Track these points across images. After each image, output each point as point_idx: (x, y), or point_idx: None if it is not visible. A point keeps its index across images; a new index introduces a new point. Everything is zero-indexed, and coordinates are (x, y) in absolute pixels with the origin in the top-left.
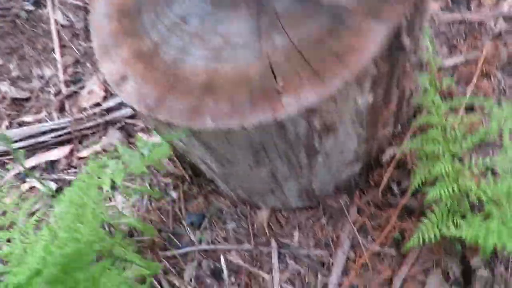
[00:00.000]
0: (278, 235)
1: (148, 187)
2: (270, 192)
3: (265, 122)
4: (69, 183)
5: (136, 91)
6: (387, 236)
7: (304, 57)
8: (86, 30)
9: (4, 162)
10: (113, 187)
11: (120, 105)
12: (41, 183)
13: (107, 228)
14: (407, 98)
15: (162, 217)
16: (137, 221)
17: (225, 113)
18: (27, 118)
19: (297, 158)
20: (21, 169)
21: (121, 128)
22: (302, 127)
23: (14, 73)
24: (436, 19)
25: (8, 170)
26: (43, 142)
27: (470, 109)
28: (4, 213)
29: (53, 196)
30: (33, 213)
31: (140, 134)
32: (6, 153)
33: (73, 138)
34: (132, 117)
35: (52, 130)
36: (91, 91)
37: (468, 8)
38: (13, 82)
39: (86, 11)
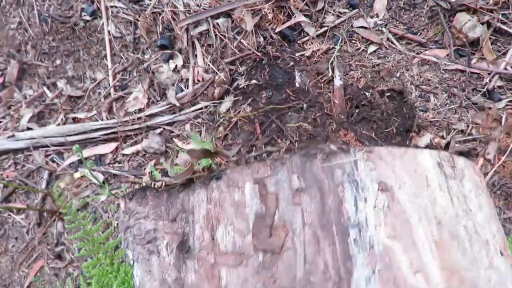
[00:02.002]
0: None
1: None
2: None
3: None
4: (114, 176)
5: None
6: None
7: None
8: (135, 42)
9: (61, 151)
10: None
11: (161, 113)
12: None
13: None
14: None
15: None
16: None
17: None
18: (80, 115)
19: None
20: (75, 159)
21: (160, 134)
22: None
23: (70, 73)
24: (441, 66)
25: (63, 159)
26: (93, 138)
27: None
28: (60, 195)
29: (100, 186)
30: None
31: (176, 140)
32: (62, 144)
33: (118, 137)
34: (170, 124)
35: (101, 129)
36: (136, 98)
37: (469, 61)
38: (69, 81)
39: (136, 25)
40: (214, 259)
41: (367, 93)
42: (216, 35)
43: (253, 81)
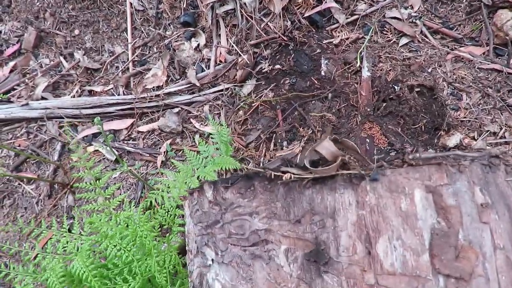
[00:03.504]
0: None
1: None
2: None
3: None
4: (128, 153)
5: None
6: None
7: None
8: (157, 17)
9: (75, 124)
10: None
11: (179, 92)
12: (106, 149)
13: None
14: None
15: None
16: None
17: None
18: (96, 88)
19: None
20: (89, 132)
21: (177, 113)
22: None
23: (88, 44)
24: (476, 64)
25: (77, 132)
26: (109, 113)
27: None
28: (72, 167)
29: (114, 162)
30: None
31: (194, 121)
32: (76, 116)
33: (134, 113)
34: (188, 104)
35: (118, 104)
36: (155, 75)
37: (508, 61)
38: (86, 52)
39: (160, 0)
40: (375, 279)
41: (395, 87)
42: (242, 15)
43: (277, 66)
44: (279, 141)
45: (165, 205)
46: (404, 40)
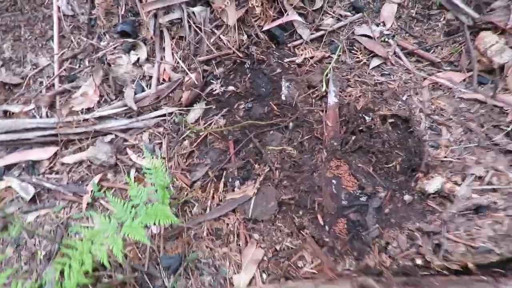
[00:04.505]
0: None
1: None
2: None
3: None
4: (48, 191)
5: None
6: None
7: None
8: (90, 25)
9: None
10: None
11: (114, 116)
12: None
13: None
14: None
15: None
16: None
17: None
18: (14, 108)
19: None
20: (1, 164)
21: (111, 142)
22: None
23: (7, 54)
24: (456, 93)
25: None
26: (27, 139)
27: None
28: None
29: (28, 202)
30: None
31: (130, 152)
32: None
33: (58, 141)
34: (124, 131)
35: (39, 128)
36: (85, 94)
37: (494, 92)
38: (5, 63)
39: (93, 3)
40: None
41: (366, 117)
42: (190, 26)
43: (231, 88)
44: (230, 180)
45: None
46: (375, 62)
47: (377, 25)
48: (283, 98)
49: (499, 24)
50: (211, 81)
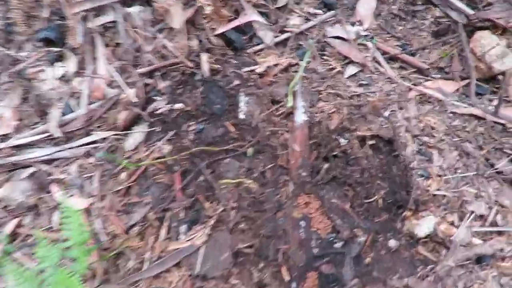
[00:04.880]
0: None
1: None
2: None
3: None
4: None
5: None
6: None
7: None
8: (6, 31)
9: None
10: None
11: (36, 143)
12: None
13: None
14: None
15: None
16: None
17: None
18: None
19: None
20: None
21: (31, 176)
22: None
23: None
24: (449, 107)
25: None
26: None
27: None
28: None
29: None
30: None
31: (54, 188)
32: None
33: None
34: (48, 162)
35: None
36: (1, 117)
37: (498, 107)
38: None
39: (9, 6)
40: None
41: (341, 139)
42: (127, 30)
43: (179, 105)
44: (174, 224)
45: None
46: (351, 70)
47: (353, 24)
48: (242, 116)
49: (498, 22)
50: (155, 97)
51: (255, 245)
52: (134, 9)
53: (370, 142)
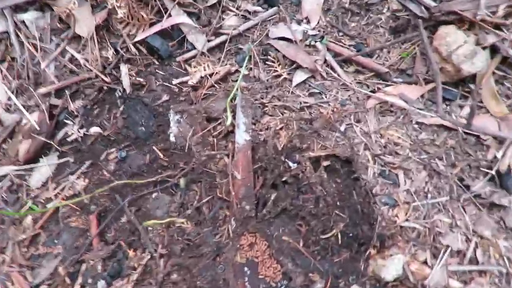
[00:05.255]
0: None
1: None
2: None
3: None
4: None
5: None
6: None
7: None
8: None
9: None
10: None
11: None
12: None
13: None
14: None
15: None
16: None
17: None
18: None
19: None
20: None
21: None
22: None
23: None
24: (414, 116)
25: None
26: None
27: None
28: None
29: None
30: None
31: None
32: None
33: None
34: None
35: None
36: None
37: (470, 117)
38: None
39: None
40: None
41: (290, 162)
42: (22, 43)
43: (95, 129)
44: (90, 280)
45: None
46: (300, 76)
47: (299, 22)
48: (172, 139)
49: (465, 14)
50: (65, 121)
51: None
52: (29, 15)
53: (325, 163)
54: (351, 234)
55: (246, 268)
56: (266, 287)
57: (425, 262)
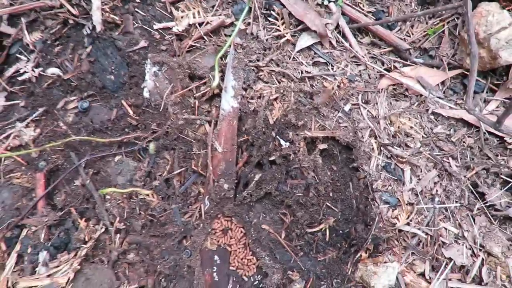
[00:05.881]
0: None
1: None
2: None
3: None
4: None
5: None
6: None
7: None
8: None
9: None
10: None
11: None
12: None
13: None
14: None
15: None
16: None
17: None
18: None
19: None
20: None
21: None
22: None
23: None
24: (431, 105)
25: None
26: None
27: None
28: None
29: None
30: None
31: None
32: None
33: None
34: None
35: None
36: None
37: (503, 116)
38: None
39: None
40: None
41: (282, 140)
42: None
43: (54, 70)
44: (31, 249)
45: None
46: (305, 40)
47: None
48: (146, 95)
49: None
50: (18, 55)
51: None
52: None
53: (321, 147)
54: (341, 232)
55: (216, 257)
56: (236, 282)
57: (422, 274)
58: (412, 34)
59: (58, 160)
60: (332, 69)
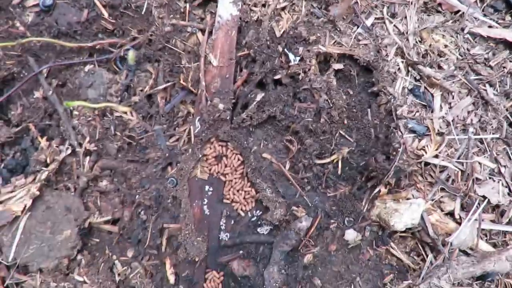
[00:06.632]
0: None
1: None
2: None
3: None
4: None
5: None
6: None
7: None
8: None
9: None
10: None
11: None
12: None
13: None
14: None
15: None
16: None
17: None
18: None
19: None
20: None
21: None
22: None
23: None
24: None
25: None
26: None
27: None
28: None
29: None
30: None
31: None
32: None
33: None
34: None
35: None
36: None
37: None
38: None
39: None
40: None
41: (291, 54)
42: None
43: None
44: None
45: None
46: None
47: None
48: None
49: None
50: None
51: (123, 221)
52: None
53: (336, 66)
54: (355, 165)
55: (207, 187)
56: (230, 216)
57: (451, 214)
58: None
59: (13, 66)
60: None
